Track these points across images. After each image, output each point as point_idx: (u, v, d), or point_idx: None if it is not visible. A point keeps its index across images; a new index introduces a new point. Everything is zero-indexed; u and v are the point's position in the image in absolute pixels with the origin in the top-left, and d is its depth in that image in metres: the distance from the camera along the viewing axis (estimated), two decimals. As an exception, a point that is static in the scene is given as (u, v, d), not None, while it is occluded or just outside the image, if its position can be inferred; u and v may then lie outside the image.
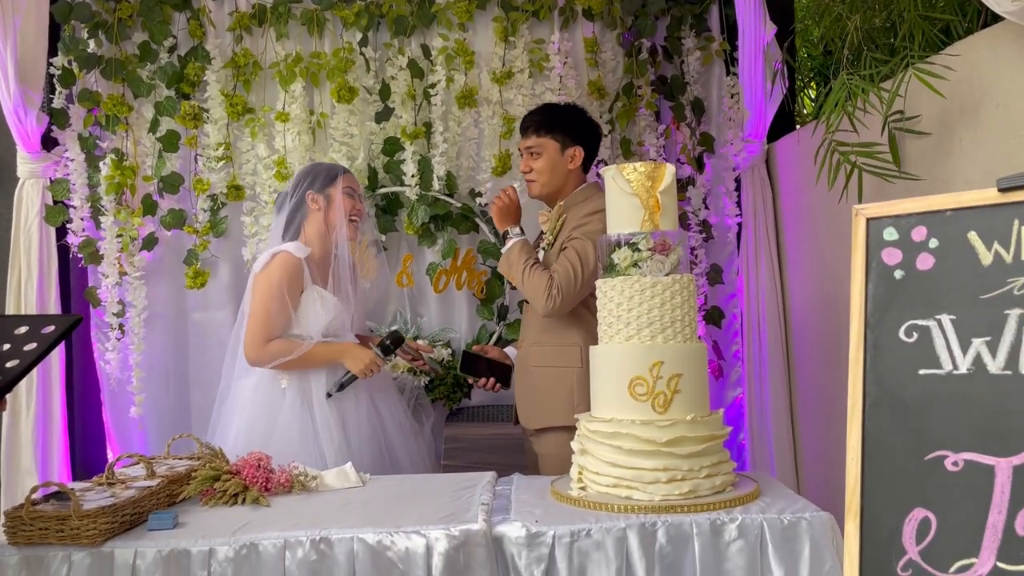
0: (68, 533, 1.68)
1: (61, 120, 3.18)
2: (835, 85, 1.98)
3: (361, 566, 1.68)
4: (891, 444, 1.04)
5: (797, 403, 3.16)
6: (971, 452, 1.00)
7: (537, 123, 2.51)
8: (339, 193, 2.52)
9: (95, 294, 3.21)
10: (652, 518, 1.74)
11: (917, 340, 1.09)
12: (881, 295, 1.12)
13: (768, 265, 3.20)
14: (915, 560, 0.98)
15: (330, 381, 2.46)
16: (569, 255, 2.34)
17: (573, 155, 2.49)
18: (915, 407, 1.05)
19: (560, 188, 2.51)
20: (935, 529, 0.98)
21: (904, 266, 1.12)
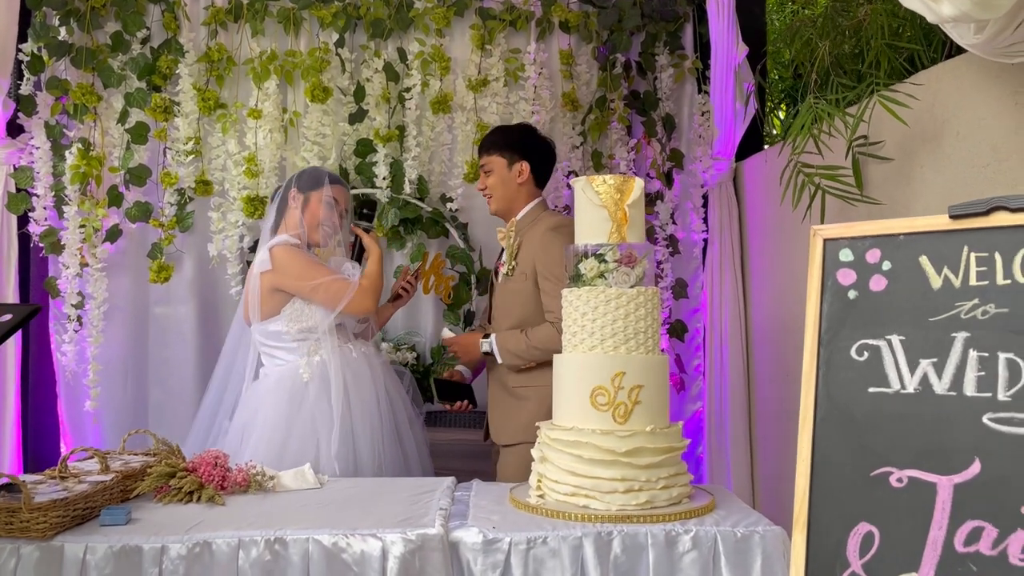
0: (17, 526, 1.65)
1: (28, 107, 3.13)
2: (802, 108, 2.02)
3: (316, 568, 1.67)
4: (839, 459, 1.07)
5: (755, 418, 3.21)
6: (915, 469, 1.03)
7: (489, 143, 2.66)
8: (319, 203, 2.55)
9: (55, 285, 3.16)
10: (608, 527, 1.76)
11: (868, 359, 1.12)
12: (835, 314, 1.16)
13: (732, 281, 3.25)
14: (858, 573, 1.00)
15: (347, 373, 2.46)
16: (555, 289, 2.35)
17: (520, 170, 2.60)
18: (863, 424, 1.08)
19: (513, 202, 2.62)
20: (878, 543, 1.01)
21: (858, 287, 1.15)
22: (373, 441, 2.44)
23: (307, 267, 2.45)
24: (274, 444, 2.35)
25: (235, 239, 3.19)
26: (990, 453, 1.00)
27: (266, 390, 2.47)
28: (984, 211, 1.08)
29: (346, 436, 2.40)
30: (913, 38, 2.08)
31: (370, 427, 2.45)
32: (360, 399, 2.46)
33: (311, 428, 2.40)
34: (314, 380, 2.43)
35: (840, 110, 1.99)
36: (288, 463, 2.23)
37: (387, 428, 2.50)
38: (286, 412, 2.41)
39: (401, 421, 2.57)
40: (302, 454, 2.31)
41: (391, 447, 2.49)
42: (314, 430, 2.40)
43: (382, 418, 2.49)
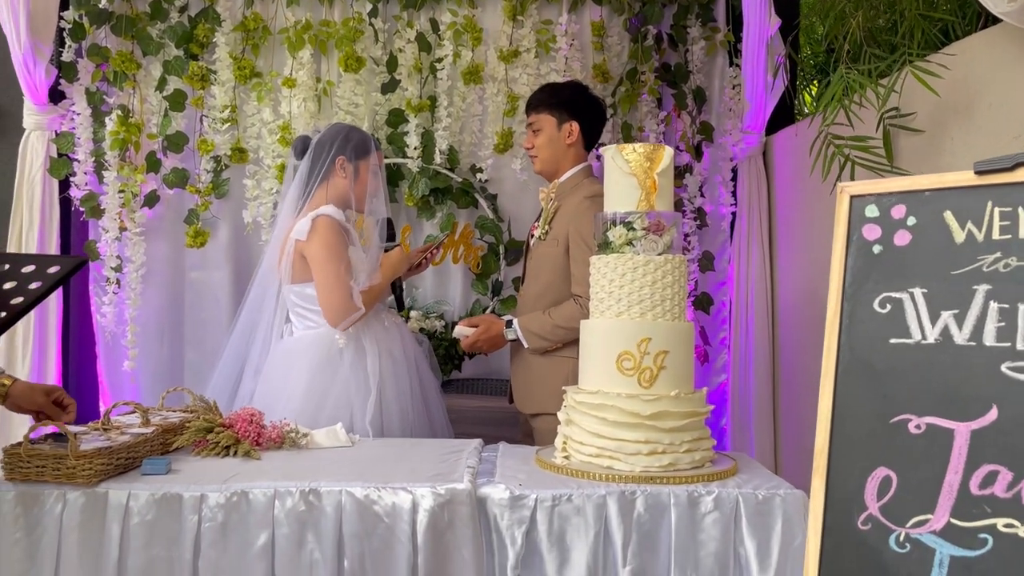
0: (64, 472, 1.72)
1: (70, 74, 3.20)
2: (834, 78, 2.02)
3: (348, 518, 1.72)
4: (859, 407, 1.10)
5: (780, 391, 3.23)
6: (933, 416, 1.06)
7: (538, 100, 2.61)
8: (368, 172, 2.54)
9: (95, 248, 3.25)
10: (632, 487, 1.80)
11: (890, 311, 1.15)
12: (859, 268, 1.18)
13: (759, 255, 3.26)
14: (875, 515, 1.04)
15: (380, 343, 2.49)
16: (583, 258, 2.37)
17: (570, 130, 2.56)
18: (884, 373, 1.11)
19: (559, 163, 2.58)
20: (895, 487, 1.05)
21: (883, 241, 1.18)
22: (402, 409, 2.49)
23: (331, 259, 2.41)
24: (309, 406, 2.39)
25: (269, 206, 3.25)
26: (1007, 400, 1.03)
27: (299, 352, 2.49)
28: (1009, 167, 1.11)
29: (378, 402, 2.44)
30: (948, 8, 2.07)
31: (400, 395, 2.50)
32: (392, 368, 2.50)
33: (345, 394, 2.43)
34: (349, 347, 2.47)
35: (872, 81, 1.99)
36: (322, 426, 2.28)
37: (416, 396, 2.54)
38: (321, 377, 2.44)
39: (428, 389, 2.62)
40: (335, 419, 2.34)
41: (419, 415, 2.54)
42: (348, 396, 2.43)
43: (411, 386, 2.54)
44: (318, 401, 2.39)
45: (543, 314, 2.47)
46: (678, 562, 1.77)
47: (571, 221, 2.46)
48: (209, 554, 1.71)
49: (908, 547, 1.01)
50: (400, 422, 2.47)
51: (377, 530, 1.72)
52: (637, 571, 1.76)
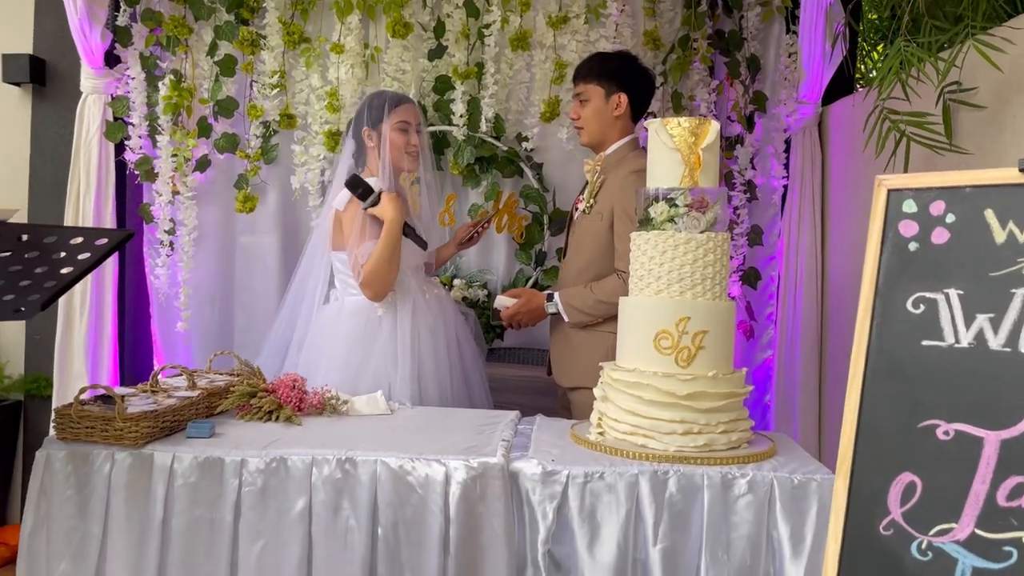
0: (112, 433, 1.78)
1: (124, 38, 3.25)
2: (890, 52, 1.94)
3: (383, 487, 1.76)
4: (887, 409, 1.07)
5: (827, 368, 3.17)
6: (963, 423, 1.02)
7: (586, 70, 2.54)
8: (390, 129, 2.50)
9: (149, 211, 3.32)
10: (665, 467, 1.79)
11: (924, 312, 1.11)
12: (894, 265, 1.14)
13: (811, 230, 3.18)
14: (897, 521, 1.01)
15: (418, 314, 2.50)
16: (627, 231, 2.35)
17: (618, 102, 2.51)
18: (914, 376, 1.08)
19: (606, 135, 2.54)
20: (920, 493, 1.02)
21: (919, 239, 1.13)
22: (440, 379, 2.50)
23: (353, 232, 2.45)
24: (348, 373, 2.42)
25: (316, 172, 3.28)
26: (1042, 410, 0.99)
27: (340, 320, 2.52)
28: (1057, 164, 1.04)
29: (415, 373, 2.46)
30: (1018, -22, 1.97)
31: (437, 366, 2.51)
32: (431, 338, 2.51)
33: (383, 363, 2.46)
34: (388, 316, 2.49)
35: (931, 54, 1.90)
36: (361, 393, 2.32)
37: (455, 367, 2.56)
38: (360, 345, 2.47)
39: (468, 361, 2.63)
40: (374, 387, 2.38)
41: (458, 385, 2.56)
42: (385, 365, 2.46)
43: (449, 357, 2.55)
44: (357, 369, 2.42)
45: (585, 288, 2.46)
46: (709, 543, 1.76)
47: (616, 195, 2.43)
48: (249, 517, 1.76)
49: (930, 555, 0.98)
50: (437, 392, 2.49)
51: (411, 500, 1.75)
52: (668, 550, 1.76)
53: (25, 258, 1.52)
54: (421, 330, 2.50)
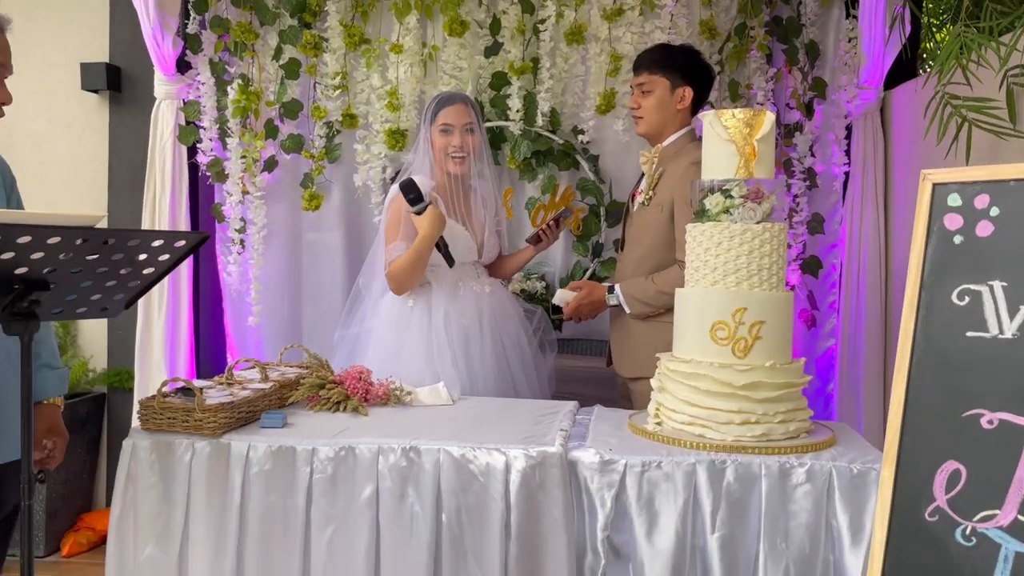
0: (192, 424, 1.89)
1: (195, 45, 3.38)
2: (950, 36, 1.91)
3: (445, 475, 1.82)
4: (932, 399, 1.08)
5: (891, 358, 3.12)
6: (1007, 412, 1.03)
7: (650, 61, 2.54)
8: (434, 131, 2.59)
9: (220, 210, 3.46)
10: (722, 456, 1.81)
11: (968, 303, 1.11)
12: (939, 258, 1.15)
13: (873, 217, 3.13)
14: (942, 507, 1.03)
15: (451, 308, 2.58)
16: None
17: (682, 95, 2.51)
18: (959, 366, 1.09)
19: (665, 127, 2.54)
20: (964, 480, 1.03)
21: (964, 232, 1.14)
22: (475, 371, 2.55)
23: (390, 228, 2.57)
24: (385, 362, 2.49)
25: (378, 170, 3.37)
26: (1084, 400, 0.99)
27: (382, 310, 2.65)
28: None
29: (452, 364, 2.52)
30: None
31: (469, 358, 2.57)
32: (463, 332, 2.58)
33: (416, 354, 2.55)
34: (417, 308, 2.59)
35: (991, 38, 1.87)
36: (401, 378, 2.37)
37: (498, 359, 2.60)
38: (394, 335, 2.58)
39: (513, 353, 2.65)
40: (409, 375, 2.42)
41: (502, 377, 2.60)
42: (418, 357, 2.54)
43: (483, 351, 2.59)
44: (395, 355, 2.49)
45: (646, 279, 2.47)
46: (767, 532, 1.78)
47: (677, 186, 2.43)
48: (320, 503, 1.84)
49: (974, 541, 1.00)
50: (469, 386, 2.53)
51: (472, 487, 1.81)
52: (726, 538, 1.78)
53: (111, 260, 1.62)
54: (452, 325, 2.57)
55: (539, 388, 2.70)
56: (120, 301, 1.77)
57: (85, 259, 1.57)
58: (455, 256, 2.53)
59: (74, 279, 1.60)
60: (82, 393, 3.59)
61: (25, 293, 1.53)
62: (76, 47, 3.68)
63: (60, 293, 1.60)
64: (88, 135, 3.71)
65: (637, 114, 2.57)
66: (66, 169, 3.70)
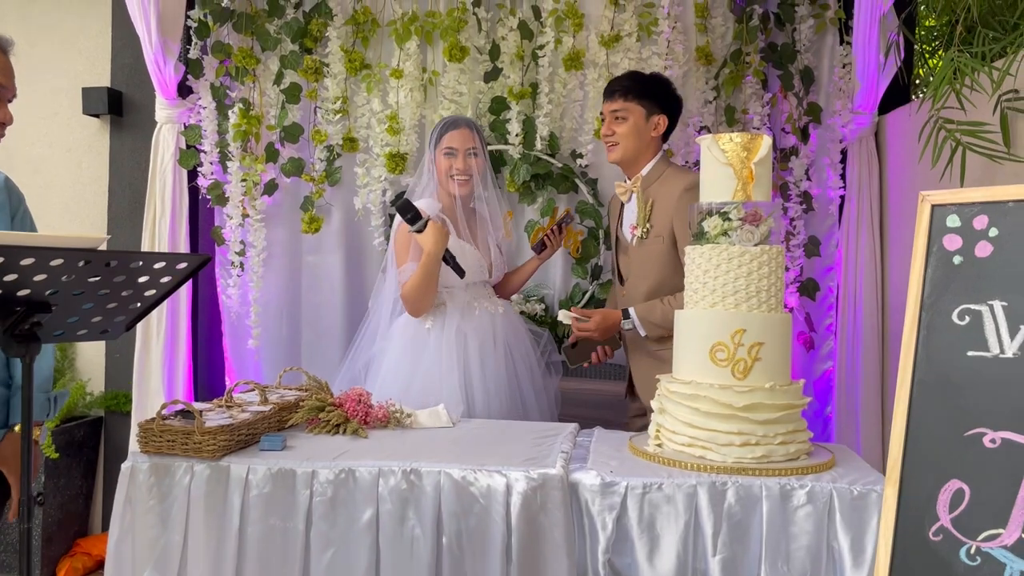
0: (191, 446, 1.88)
1: (196, 70, 3.41)
2: (943, 61, 1.94)
3: (446, 498, 1.82)
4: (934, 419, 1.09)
5: (889, 379, 3.13)
6: (1009, 431, 1.04)
7: (625, 88, 2.54)
8: (439, 153, 2.64)
9: (220, 233, 3.47)
10: (723, 478, 1.81)
11: (969, 323, 1.12)
12: (939, 279, 1.16)
13: (869, 239, 3.15)
14: (946, 527, 1.03)
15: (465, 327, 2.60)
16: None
17: (657, 123, 2.53)
18: (960, 386, 1.09)
19: (640, 154, 2.55)
20: (968, 500, 1.03)
21: (963, 252, 1.15)
22: (487, 393, 2.56)
23: (400, 251, 2.61)
24: (399, 381, 2.53)
25: (378, 193, 3.39)
26: (1086, 418, 0.99)
27: (395, 331, 2.66)
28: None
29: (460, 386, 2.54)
30: (1075, -16, 1.95)
31: (484, 379, 2.58)
32: (479, 353, 2.59)
33: (429, 375, 2.55)
34: (434, 329, 2.59)
35: (984, 64, 1.90)
36: (412, 402, 2.38)
37: (506, 382, 2.61)
38: (410, 355, 2.59)
39: (524, 375, 2.67)
40: (425, 395, 2.45)
41: (513, 399, 2.61)
42: (431, 377, 2.55)
43: (496, 371, 2.60)
44: (407, 377, 2.50)
45: (661, 303, 2.46)
46: (769, 554, 1.78)
47: (676, 215, 2.44)
48: (320, 526, 1.84)
49: (979, 560, 1.00)
50: (485, 405, 2.55)
51: (473, 510, 1.81)
52: (727, 561, 1.78)
53: (113, 282, 1.63)
54: (469, 345, 2.58)
55: (548, 409, 2.71)
56: (121, 323, 1.77)
57: (87, 281, 1.58)
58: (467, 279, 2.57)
59: (76, 301, 1.61)
60: (79, 417, 3.58)
61: (27, 315, 1.54)
62: (78, 72, 3.72)
63: (62, 315, 1.61)
64: (89, 159, 3.73)
65: (611, 140, 2.55)
66: (67, 193, 3.72)
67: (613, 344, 2.65)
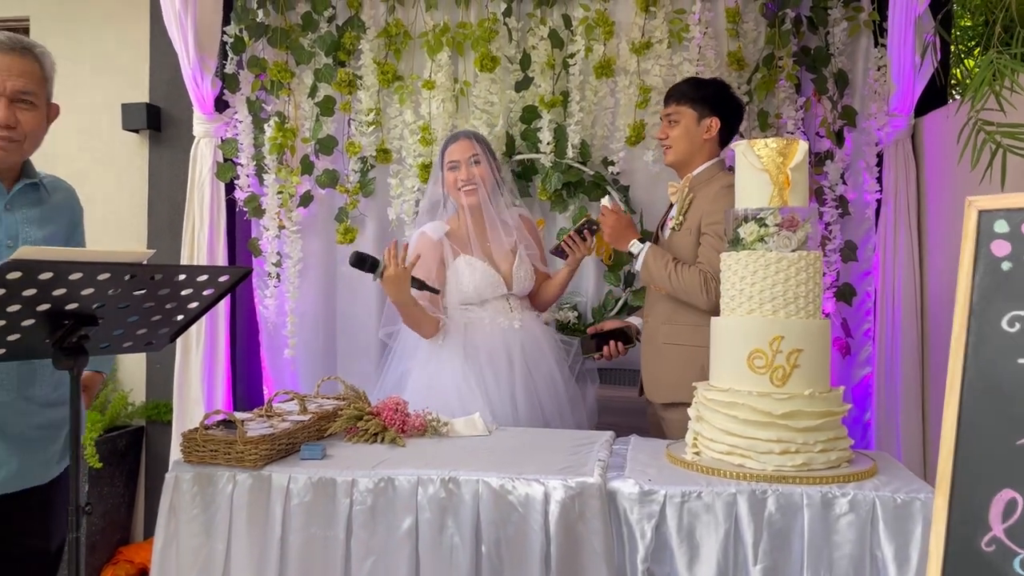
0: (234, 456, 1.91)
1: (232, 84, 3.47)
2: (982, 63, 1.92)
3: (485, 506, 1.83)
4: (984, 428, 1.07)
5: (929, 385, 3.08)
6: (1061, 439, 1.02)
7: (679, 92, 2.61)
8: (446, 170, 2.72)
9: (257, 245, 3.52)
10: (763, 486, 1.80)
11: (1019, 330, 1.10)
12: (987, 285, 1.15)
13: (907, 244, 3.11)
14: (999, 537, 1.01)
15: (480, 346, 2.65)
16: (713, 243, 2.40)
17: (709, 125, 2.56)
18: (1010, 394, 1.07)
19: (693, 157, 2.58)
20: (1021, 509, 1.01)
21: (1012, 258, 1.13)
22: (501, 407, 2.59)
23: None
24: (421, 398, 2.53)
25: (411, 203, 3.41)
26: None
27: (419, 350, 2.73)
28: None
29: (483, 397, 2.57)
30: (1118, -18, 1.92)
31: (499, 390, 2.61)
32: (491, 367, 2.62)
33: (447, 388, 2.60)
34: (446, 347, 2.66)
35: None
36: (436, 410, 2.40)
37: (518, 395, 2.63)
38: (428, 374, 2.65)
39: (543, 387, 2.67)
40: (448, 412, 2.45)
41: (532, 409, 2.62)
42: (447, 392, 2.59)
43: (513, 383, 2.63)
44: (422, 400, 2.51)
45: (672, 261, 2.46)
46: (811, 563, 1.76)
47: (705, 209, 2.47)
48: (360, 535, 1.86)
49: (1033, 570, 0.98)
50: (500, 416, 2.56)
51: (512, 518, 1.82)
52: (769, 570, 1.77)
53: (157, 295, 1.66)
54: (481, 361, 2.62)
55: (574, 421, 2.70)
56: (165, 335, 1.81)
57: (132, 295, 1.61)
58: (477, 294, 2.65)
59: (121, 314, 1.65)
60: (121, 426, 3.65)
61: (75, 328, 1.58)
62: (118, 88, 3.80)
63: (108, 328, 1.65)
64: (129, 173, 3.81)
65: (665, 143, 2.62)
66: (107, 206, 3.80)
67: (626, 341, 2.70)
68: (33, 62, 1.88)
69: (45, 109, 1.93)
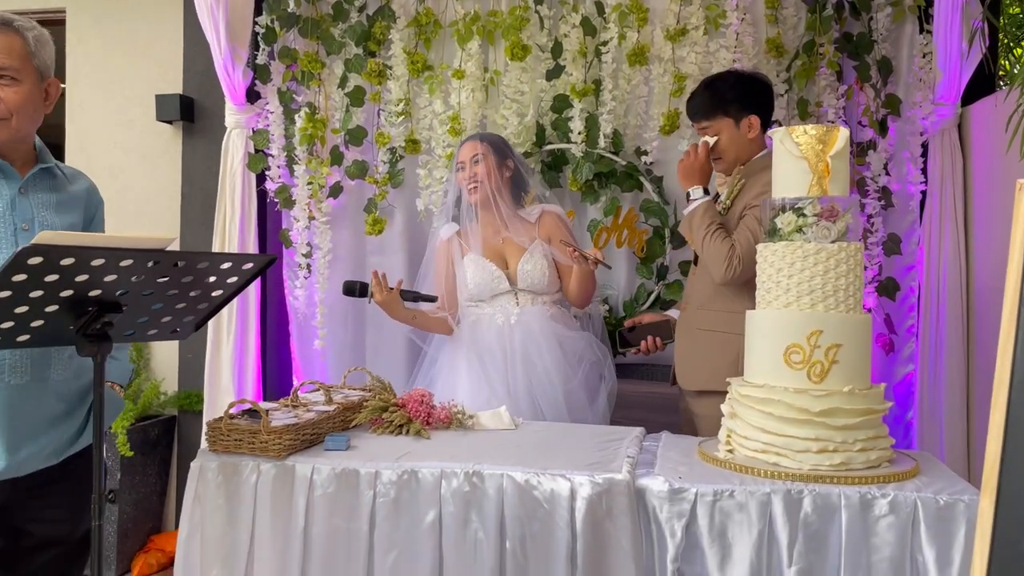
0: (258, 445, 1.90)
1: (264, 75, 3.46)
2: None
3: (509, 501, 1.79)
4: (1035, 423, 1.00)
5: (975, 386, 2.97)
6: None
7: (705, 107, 2.46)
8: (457, 173, 2.78)
9: (287, 236, 3.52)
10: (799, 486, 1.74)
11: (1074, 321, 1.03)
12: (1041, 274, 1.07)
13: (953, 237, 3.00)
14: (1049, 541, 0.94)
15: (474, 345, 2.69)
16: (751, 224, 2.32)
17: (750, 124, 2.44)
18: (1063, 391, 1.00)
19: (745, 155, 2.48)
20: (1072, 514, 0.94)
21: (1067, 244, 1.06)
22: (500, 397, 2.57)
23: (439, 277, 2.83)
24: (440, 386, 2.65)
25: (440, 194, 3.37)
26: None
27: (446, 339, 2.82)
28: None
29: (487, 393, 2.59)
30: None
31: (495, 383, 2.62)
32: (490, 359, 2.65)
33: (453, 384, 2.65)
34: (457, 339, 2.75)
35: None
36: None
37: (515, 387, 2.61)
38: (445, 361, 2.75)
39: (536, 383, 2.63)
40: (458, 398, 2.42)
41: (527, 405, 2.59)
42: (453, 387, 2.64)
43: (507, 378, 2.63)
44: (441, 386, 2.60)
45: (716, 223, 2.37)
46: (848, 566, 1.70)
47: (754, 192, 2.36)
48: (383, 527, 1.83)
49: (1086, 578, 0.91)
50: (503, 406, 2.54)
51: (537, 514, 1.77)
52: (804, 572, 1.71)
53: (181, 283, 1.64)
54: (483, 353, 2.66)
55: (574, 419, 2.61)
56: (190, 323, 1.79)
57: (156, 281, 1.59)
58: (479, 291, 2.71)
59: (145, 301, 1.63)
60: (153, 416, 3.67)
61: (98, 315, 1.56)
62: (151, 79, 3.81)
63: (132, 315, 1.63)
64: (162, 164, 3.82)
65: (714, 155, 2.49)
66: (141, 197, 3.82)
67: (664, 335, 2.64)
68: (14, 36, 1.80)
69: (34, 85, 1.84)
